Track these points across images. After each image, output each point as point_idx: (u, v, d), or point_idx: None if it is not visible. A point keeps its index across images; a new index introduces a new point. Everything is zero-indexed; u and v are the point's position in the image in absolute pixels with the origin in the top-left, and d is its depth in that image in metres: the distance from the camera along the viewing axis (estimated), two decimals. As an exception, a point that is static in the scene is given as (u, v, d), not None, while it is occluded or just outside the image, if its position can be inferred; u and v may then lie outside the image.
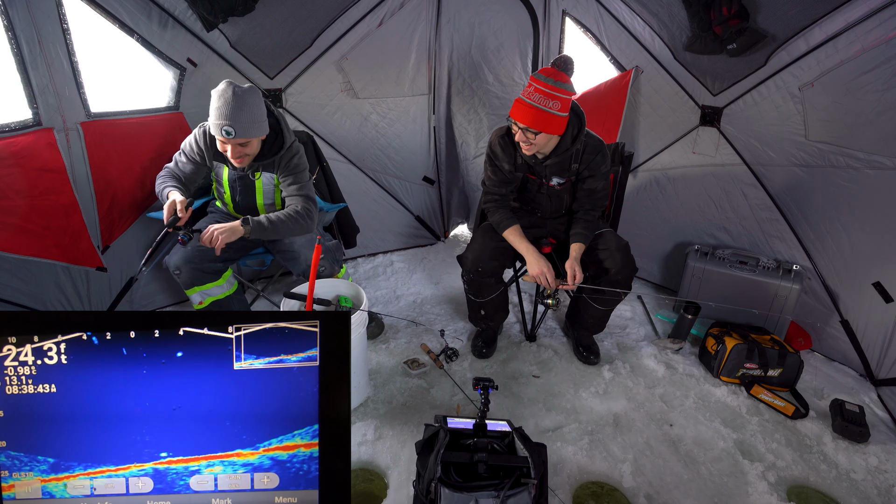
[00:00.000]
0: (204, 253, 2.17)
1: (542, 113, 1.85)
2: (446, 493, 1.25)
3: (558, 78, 1.84)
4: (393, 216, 3.39)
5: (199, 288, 2.21)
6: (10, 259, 1.94)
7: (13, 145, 1.92)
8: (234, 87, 1.85)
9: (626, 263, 2.13)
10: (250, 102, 1.88)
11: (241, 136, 1.89)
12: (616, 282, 2.14)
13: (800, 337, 2.56)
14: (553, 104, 1.84)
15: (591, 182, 2.12)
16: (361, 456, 1.88)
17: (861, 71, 1.98)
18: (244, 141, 1.92)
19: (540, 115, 1.85)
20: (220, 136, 1.89)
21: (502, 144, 2.09)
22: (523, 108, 1.87)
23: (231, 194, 2.19)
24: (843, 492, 1.81)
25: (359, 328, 1.94)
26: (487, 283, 2.21)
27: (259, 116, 1.93)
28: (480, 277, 2.18)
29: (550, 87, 1.83)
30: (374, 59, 2.87)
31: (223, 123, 1.85)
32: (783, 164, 2.39)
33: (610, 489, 1.81)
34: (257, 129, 1.94)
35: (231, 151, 1.94)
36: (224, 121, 1.85)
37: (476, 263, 2.16)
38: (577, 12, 2.82)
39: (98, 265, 2.25)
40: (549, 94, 1.83)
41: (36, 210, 2.00)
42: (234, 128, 1.85)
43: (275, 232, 2.02)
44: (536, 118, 1.86)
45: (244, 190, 2.18)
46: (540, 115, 1.85)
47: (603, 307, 2.28)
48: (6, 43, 1.85)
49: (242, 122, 1.86)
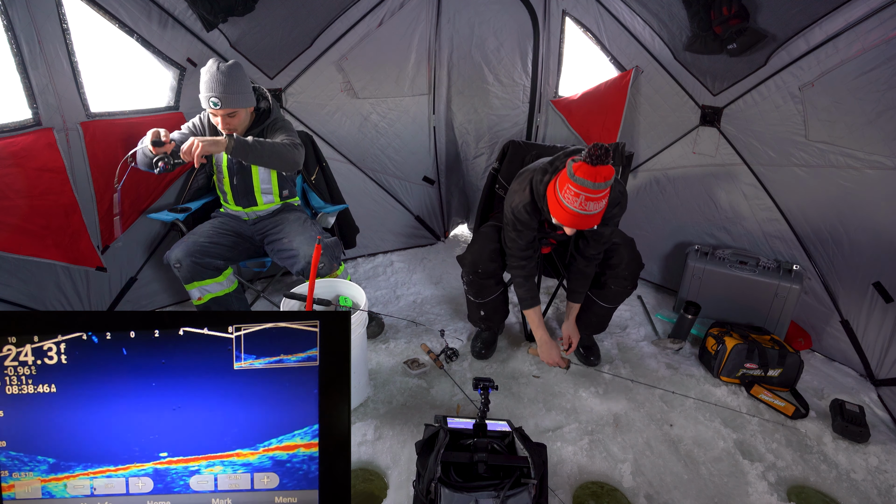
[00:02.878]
0: (205, 248, 2.19)
1: (594, 216, 1.75)
2: (446, 493, 1.25)
3: (605, 178, 1.65)
4: (393, 216, 3.39)
5: (199, 283, 2.21)
6: (9, 259, 1.94)
7: (13, 145, 1.92)
8: (219, 63, 1.99)
9: (633, 259, 2.14)
10: (234, 76, 2.01)
11: (227, 107, 2.02)
12: (623, 277, 2.15)
13: (800, 337, 2.56)
14: (602, 203, 1.73)
15: (601, 227, 2.02)
16: (361, 456, 1.88)
17: (861, 71, 1.98)
18: (231, 111, 2.05)
19: (592, 219, 1.76)
20: (210, 107, 2.03)
21: (529, 211, 1.96)
22: (574, 217, 1.74)
23: (229, 178, 2.25)
24: (843, 492, 1.81)
25: (359, 328, 1.94)
26: (487, 284, 2.21)
27: (244, 88, 2.06)
28: (480, 278, 2.18)
29: (601, 191, 1.67)
30: (374, 59, 2.87)
31: (210, 95, 2.00)
32: (783, 164, 2.39)
33: (610, 489, 1.81)
34: (243, 100, 2.07)
35: (221, 123, 2.07)
36: (211, 93, 1.99)
37: (475, 265, 2.16)
38: (577, 12, 2.82)
39: (98, 265, 2.25)
40: (599, 199, 1.70)
41: (36, 210, 2.00)
42: (221, 98, 1.99)
43: (259, 153, 1.99)
44: (589, 222, 1.77)
45: (241, 169, 2.23)
46: (592, 219, 1.76)
47: (608, 305, 2.28)
48: (6, 43, 1.85)
49: (228, 93, 2.00)
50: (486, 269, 2.16)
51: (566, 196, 1.72)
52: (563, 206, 1.74)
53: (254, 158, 2.00)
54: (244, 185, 2.26)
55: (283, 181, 2.34)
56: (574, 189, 1.68)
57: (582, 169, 1.65)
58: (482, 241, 2.18)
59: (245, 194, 2.28)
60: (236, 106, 2.04)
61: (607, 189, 1.69)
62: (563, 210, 1.75)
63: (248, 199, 2.29)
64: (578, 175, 1.65)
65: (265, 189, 2.29)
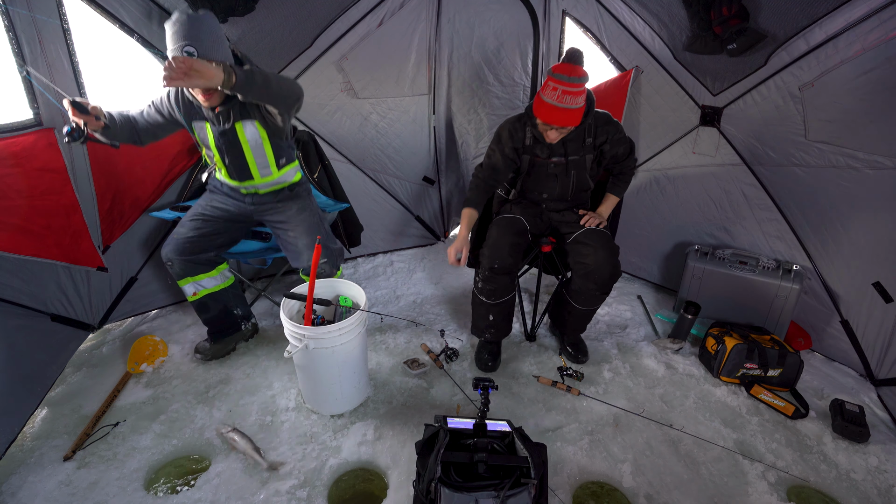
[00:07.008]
0: (193, 242, 2.15)
1: (570, 111, 1.93)
2: (446, 493, 1.25)
3: (579, 74, 1.88)
4: (393, 216, 3.39)
5: (192, 279, 2.20)
6: (10, 259, 1.94)
7: (14, 145, 1.92)
8: (188, 11, 1.73)
9: (607, 263, 2.12)
10: (209, 23, 1.72)
11: (203, 57, 1.68)
12: (593, 280, 2.14)
13: (800, 337, 2.56)
14: (578, 100, 1.92)
15: (612, 149, 2.18)
16: (361, 456, 1.88)
17: (861, 71, 1.98)
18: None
19: (568, 114, 1.94)
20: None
21: (511, 130, 2.16)
22: (552, 110, 1.93)
23: (220, 155, 2.06)
24: (843, 492, 1.81)
25: (359, 328, 1.95)
26: (502, 282, 2.17)
27: (220, 37, 1.75)
28: (496, 274, 2.15)
29: (574, 84, 1.88)
30: (374, 59, 2.87)
31: (183, 44, 1.66)
32: (783, 164, 2.38)
33: (610, 489, 1.81)
34: (219, 51, 1.74)
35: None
36: (184, 41, 1.65)
37: (493, 259, 2.13)
38: (577, 12, 2.82)
39: (99, 265, 2.26)
40: (575, 93, 1.90)
41: (37, 210, 2.00)
42: (196, 46, 1.66)
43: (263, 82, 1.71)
44: (566, 117, 1.94)
45: (230, 147, 2.02)
46: (568, 113, 1.93)
47: (582, 307, 2.28)
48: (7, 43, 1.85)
49: (203, 40, 1.68)
50: (503, 264, 2.13)
51: (546, 92, 1.94)
52: (544, 102, 1.95)
53: (257, 93, 1.73)
54: (238, 163, 2.05)
55: (278, 149, 2.09)
56: (552, 84, 1.91)
57: (560, 66, 1.90)
58: (499, 235, 2.18)
59: (240, 171, 2.09)
60: (215, 57, 1.71)
61: (582, 85, 1.90)
62: (544, 104, 1.95)
63: (244, 175, 2.10)
64: (556, 71, 1.90)
65: (261, 164, 2.08)
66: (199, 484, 1.76)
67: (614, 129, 2.15)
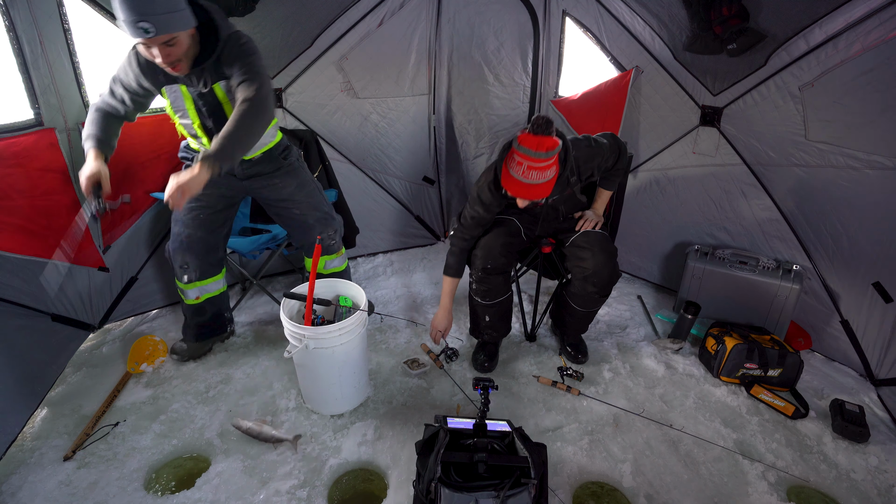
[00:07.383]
0: (206, 243, 2.13)
1: (537, 186, 1.78)
2: (446, 493, 1.25)
3: (546, 147, 1.69)
4: (393, 216, 3.40)
5: (200, 283, 2.19)
6: (11, 259, 1.94)
7: (15, 145, 1.92)
8: None
9: (605, 267, 2.10)
10: None
11: (163, 32, 1.53)
12: (591, 283, 2.13)
13: (800, 337, 2.56)
14: (547, 174, 1.76)
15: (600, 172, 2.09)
16: (361, 456, 1.88)
17: (861, 71, 1.98)
18: (169, 38, 1.57)
19: (535, 189, 1.79)
20: (139, 37, 1.53)
21: (491, 190, 2.03)
22: (519, 186, 1.79)
23: (200, 120, 1.89)
24: (843, 492, 1.81)
25: (359, 328, 1.95)
26: (496, 282, 2.17)
27: (177, 4, 1.57)
28: (489, 275, 2.15)
29: (541, 160, 1.71)
30: (374, 59, 2.87)
31: (136, 20, 1.48)
32: (783, 164, 2.39)
33: (610, 489, 1.81)
34: (180, 20, 1.57)
35: (160, 57, 1.60)
36: (136, 16, 1.47)
37: (486, 259, 2.12)
38: (578, 12, 2.82)
39: (100, 265, 2.26)
40: (542, 168, 1.74)
41: (38, 210, 2.00)
42: (152, 21, 1.49)
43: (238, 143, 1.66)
44: (533, 192, 1.81)
45: (210, 110, 1.86)
46: (535, 189, 1.79)
47: (582, 309, 2.27)
48: (7, 43, 1.86)
49: (158, 12, 1.50)
50: (496, 264, 2.12)
51: (512, 165, 1.77)
52: (509, 175, 1.80)
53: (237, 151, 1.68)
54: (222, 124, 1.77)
55: None
56: (518, 158, 1.73)
57: (525, 138, 1.70)
58: (491, 236, 2.17)
59: None
60: (175, 29, 1.55)
61: (550, 159, 1.72)
62: (509, 178, 1.80)
63: None
64: (522, 144, 1.71)
65: None
66: (199, 484, 1.76)
67: (599, 159, 2.03)
